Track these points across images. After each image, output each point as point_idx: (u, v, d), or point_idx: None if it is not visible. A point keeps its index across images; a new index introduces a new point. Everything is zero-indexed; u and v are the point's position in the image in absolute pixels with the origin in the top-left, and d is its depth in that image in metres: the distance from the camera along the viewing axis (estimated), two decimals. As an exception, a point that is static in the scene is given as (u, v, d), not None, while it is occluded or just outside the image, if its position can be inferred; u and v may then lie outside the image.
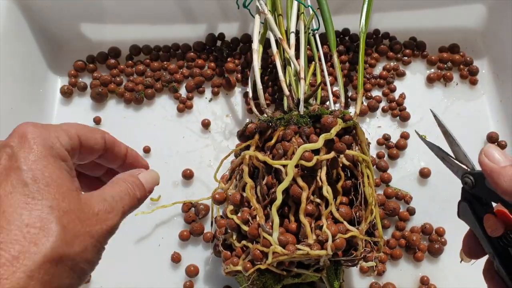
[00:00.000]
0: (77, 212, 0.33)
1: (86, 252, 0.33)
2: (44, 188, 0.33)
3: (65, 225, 0.32)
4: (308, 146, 0.53)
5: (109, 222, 0.36)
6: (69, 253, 0.32)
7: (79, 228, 0.33)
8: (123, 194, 0.39)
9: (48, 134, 0.36)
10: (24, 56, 0.81)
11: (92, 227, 0.34)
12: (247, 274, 0.53)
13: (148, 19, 0.87)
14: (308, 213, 0.53)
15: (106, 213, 0.36)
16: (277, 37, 0.67)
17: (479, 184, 0.44)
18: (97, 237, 0.34)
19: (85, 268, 0.33)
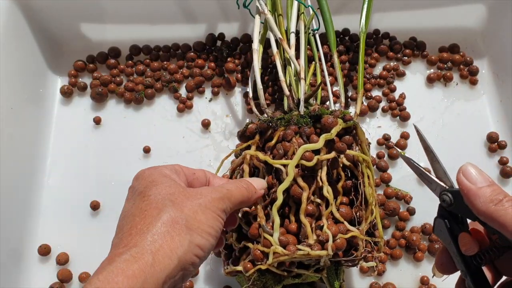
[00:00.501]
0: (182, 193, 0.43)
1: (197, 214, 0.42)
2: (154, 188, 0.43)
3: (173, 200, 0.42)
4: (308, 146, 0.53)
5: (213, 195, 0.44)
6: (180, 215, 0.41)
7: (185, 201, 0.42)
8: (229, 183, 0.49)
9: (154, 167, 0.47)
10: (24, 56, 0.81)
11: (198, 199, 0.43)
12: (248, 274, 0.53)
13: (148, 19, 0.87)
14: (309, 213, 0.53)
15: (210, 192, 0.45)
16: (277, 37, 0.67)
17: (457, 202, 0.43)
18: (204, 204, 0.43)
19: (203, 228, 0.41)
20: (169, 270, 0.38)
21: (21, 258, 0.73)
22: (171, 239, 0.39)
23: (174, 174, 0.47)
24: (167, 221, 0.40)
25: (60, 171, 0.81)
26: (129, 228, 0.40)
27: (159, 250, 0.38)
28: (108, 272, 0.36)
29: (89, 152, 0.82)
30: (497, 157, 0.78)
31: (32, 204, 0.77)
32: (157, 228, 0.39)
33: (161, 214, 0.40)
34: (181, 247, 0.39)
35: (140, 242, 0.38)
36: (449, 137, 0.80)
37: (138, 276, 0.36)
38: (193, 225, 0.41)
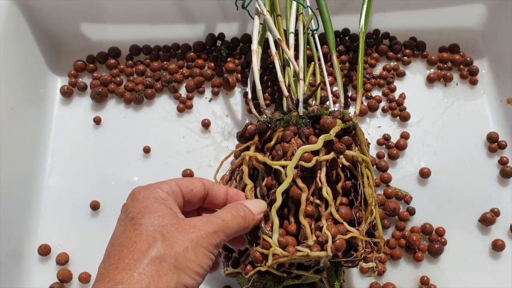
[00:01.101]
0: (175, 225, 0.42)
1: (187, 252, 0.40)
2: (147, 216, 0.42)
3: (164, 234, 0.40)
4: (307, 147, 0.53)
5: (207, 229, 0.43)
6: (169, 253, 0.39)
7: (177, 235, 0.41)
8: (225, 213, 0.47)
9: (150, 187, 0.46)
10: (24, 56, 0.81)
11: (189, 234, 0.41)
12: (248, 276, 0.53)
13: (148, 19, 0.87)
14: (308, 214, 0.53)
15: (203, 224, 0.43)
16: (276, 37, 0.67)
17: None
18: (196, 241, 0.41)
19: (191, 267, 0.40)
20: None
21: (21, 258, 0.73)
22: (158, 279, 0.38)
23: (170, 198, 0.46)
24: (156, 259, 0.39)
25: (60, 171, 0.81)
26: (116, 260, 0.39)
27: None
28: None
29: (89, 152, 0.82)
30: (497, 157, 0.78)
31: (32, 204, 0.77)
32: (144, 266, 0.38)
33: (150, 250, 0.39)
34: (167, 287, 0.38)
35: (127, 279, 0.37)
36: (449, 137, 0.80)
37: None
38: (181, 264, 0.40)
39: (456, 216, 0.75)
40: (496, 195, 0.76)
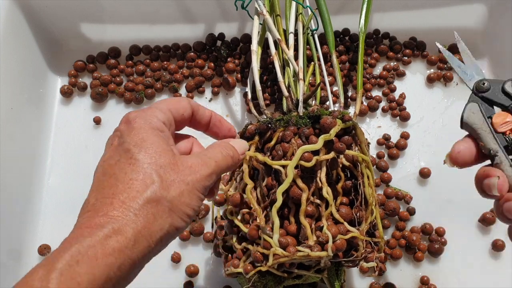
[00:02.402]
0: (172, 165, 0.41)
1: (182, 196, 0.40)
2: (143, 151, 0.40)
3: (161, 175, 0.39)
4: (307, 147, 0.53)
5: (202, 172, 0.42)
6: (166, 196, 0.39)
7: (174, 177, 0.40)
8: (216, 152, 0.46)
9: (145, 113, 0.44)
10: (24, 56, 0.81)
11: (186, 177, 0.41)
12: (248, 276, 0.53)
13: (148, 19, 0.87)
14: (308, 214, 0.53)
15: (199, 166, 0.42)
16: (276, 38, 0.67)
17: (494, 88, 0.46)
18: (192, 184, 0.41)
19: (184, 211, 0.40)
20: (145, 252, 0.37)
21: (21, 258, 0.73)
22: (153, 221, 0.38)
23: (166, 129, 0.44)
24: (152, 201, 0.38)
25: (60, 171, 0.81)
26: (111, 194, 0.38)
27: (140, 232, 0.37)
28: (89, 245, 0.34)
29: (89, 152, 0.82)
30: (497, 157, 0.78)
31: (32, 204, 0.77)
32: (140, 206, 0.37)
33: (147, 190, 0.38)
34: (160, 231, 0.38)
35: (122, 218, 0.36)
36: (449, 137, 0.79)
37: (117, 255, 0.35)
38: (176, 208, 0.39)
39: (456, 216, 0.75)
40: (496, 195, 0.76)
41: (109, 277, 0.34)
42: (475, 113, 0.46)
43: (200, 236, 0.75)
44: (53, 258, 0.33)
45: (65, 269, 0.32)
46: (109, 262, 0.34)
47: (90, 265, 0.33)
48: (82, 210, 0.39)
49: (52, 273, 0.32)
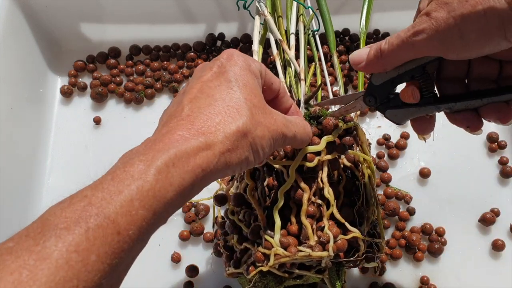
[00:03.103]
0: (262, 109, 0.43)
1: (263, 139, 0.42)
2: (242, 86, 0.43)
3: (253, 113, 0.42)
4: (309, 148, 0.53)
5: (283, 130, 0.44)
6: (252, 132, 0.41)
7: (262, 120, 0.42)
8: (299, 124, 0.48)
9: (247, 57, 0.46)
10: (24, 56, 0.81)
11: (270, 125, 0.43)
12: (249, 276, 0.53)
13: (148, 19, 0.87)
14: (310, 215, 0.53)
15: (281, 124, 0.45)
16: (277, 38, 0.67)
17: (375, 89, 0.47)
18: (272, 133, 0.43)
19: (259, 151, 0.42)
20: (221, 173, 0.40)
21: (22, 259, 0.73)
22: (235, 149, 0.40)
23: (259, 78, 0.47)
24: (241, 131, 0.40)
25: (60, 171, 0.81)
26: (207, 111, 0.40)
27: (223, 154, 0.39)
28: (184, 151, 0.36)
29: (89, 152, 0.82)
30: (497, 157, 0.78)
31: (32, 204, 0.77)
32: (231, 132, 0.39)
33: (240, 120, 0.40)
34: (237, 159, 0.40)
35: (214, 136, 0.39)
36: (448, 137, 0.80)
37: (204, 168, 0.37)
38: (254, 146, 0.42)
39: (456, 216, 0.75)
40: (496, 195, 0.76)
41: (192, 185, 0.37)
42: (397, 114, 0.47)
43: (200, 236, 0.75)
44: (152, 151, 0.35)
45: (163, 168, 0.35)
46: (197, 172, 0.37)
47: (183, 170, 0.36)
48: (171, 116, 0.40)
49: (151, 168, 0.34)
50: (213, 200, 0.63)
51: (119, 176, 0.34)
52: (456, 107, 0.43)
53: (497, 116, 0.41)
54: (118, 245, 0.32)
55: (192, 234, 0.75)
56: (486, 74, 0.44)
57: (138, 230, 0.33)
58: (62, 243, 0.29)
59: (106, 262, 0.31)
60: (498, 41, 0.35)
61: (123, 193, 0.33)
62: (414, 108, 0.45)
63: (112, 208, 0.32)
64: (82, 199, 0.32)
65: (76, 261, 0.29)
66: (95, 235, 0.30)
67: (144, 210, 0.33)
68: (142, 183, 0.33)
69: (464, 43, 0.36)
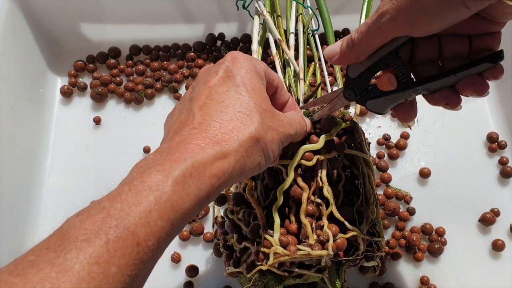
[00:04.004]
0: (270, 113, 0.44)
1: (273, 143, 0.43)
2: (251, 90, 0.43)
3: (263, 118, 0.42)
4: (308, 147, 0.53)
5: (288, 130, 0.46)
6: (263, 137, 0.42)
7: (271, 124, 0.43)
8: (298, 120, 0.49)
9: (252, 59, 0.46)
10: (24, 56, 0.81)
11: (278, 127, 0.44)
12: (249, 275, 0.53)
13: (148, 19, 0.87)
14: (309, 214, 0.53)
15: (287, 124, 0.46)
16: (276, 38, 0.67)
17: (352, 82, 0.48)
18: (280, 136, 0.44)
19: (270, 155, 0.43)
20: (236, 180, 0.41)
21: (21, 258, 0.73)
22: (249, 155, 0.41)
23: (264, 79, 0.47)
24: (254, 137, 0.41)
25: (60, 171, 0.81)
26: (219, 119, 0.40)
27: (238, 161, 0.40)
28: (200, 161, 0.37)
29: (89, 152, 0.82)
30: (497, 157, 0.78)
31: (32, 204, 0.77)
32: (245, 139, 0.40)
33: (252, 127, 0.41)
34: (251, 165, 0.41)
35: (229, 144, 0.39)
36: (449, 137, 0.80)
37: (220, 177, 0.38)
38: (266, 151, 0.42)
39: (456, 216, 0.75)
40: (496, 195, 0.76)
41: (209, 194, 0.37)
42: (377, 104, 0.48)
43: (200, 236, 0.75)
44: (169, 167, 0.35)
45: (180, 178, 0.35)
46: (212, 182, 0.37)
47: (199, 180, 0.36)
48: (183, 124, 0.41)
49: (168, 179, 0.34)
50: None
51: (136, 187, 0.34)
52: (433, 87, 0.43)
53: (473, 89, 0.42)
54: (137, 256, 0.32)
55: (192, 234, 0.75)
56: (458, 51, 0.44)
57: (157, 240, 0.33)
58: (83, 256, 0.29)
59: (127, 274, 0.31)
60: (458, 8, 0.35)
61: (141, 204, 0.33)
62: (393, 95, 0.46)
63: (131, 219, 0.32)
64: (101, 210, 0.33)
65: (98, 273, 0.29)
66: (115, 247, 0.31)
67: (163, 221, 0.33)
68: (160, 194, 0.34)
69: (427, 17, 0.37)
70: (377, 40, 0.41)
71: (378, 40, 0.41)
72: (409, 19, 0.37)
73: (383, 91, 0.46)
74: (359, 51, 0.43)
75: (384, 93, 0.46)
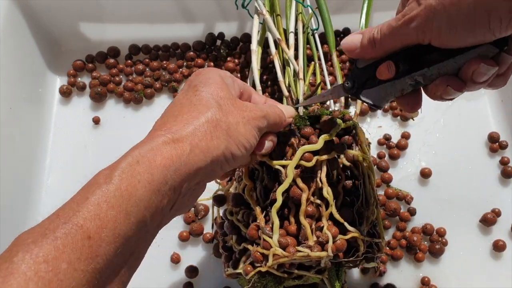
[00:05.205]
0: (231, 100, 0.45)
1: (239, 125, 0.43)
2: (208, 85, 0.44)
3: (221, 104, 0.43)
4: (307, 147, 0.53)
5: (257, 113, 0.46)
6: (224, 120, 0.42)
7: (232, 109, 0.44)
8: (266, 107, 0.49)
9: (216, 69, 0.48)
10: (23, 55, 0.81)
11: (242, 112, 0.45)
12: (248, 276, 0.53)
13: (148, 19, 0.86)
14: (309, 215, 0.53)
15: (254, 108, 0.46)
16: (276, 37, 0.67)
17: (357, 72, 0.47)
18: (248, 119, 0.44)
19: (240, 140, 0.43)
20: (201, 165, 0.40)
21: (20, 259, 0.73)
22: (210, 139, 0.41)
23: (229, 79, 0.48)
24: (211, 121, 0.41)
25: (59, 171, 0.80)
26: (175, 114, 0.42)
27: (197, 144, 0.40)
28: (148, 149, 0.37)
29: (88, 152, 0.81)
30: (498, 157, 0.78)
31: (31, 204, 0.77)
32: (200, 124, 0.41)
33: (208, 112, 0.42)
34: (217, 149, 0.41)
35: (182, 130, 0.40)
36: (450, 137, 0.80)
37: (175, 160, 0.38)
38: (232, 134, 0.43)
39: (457, 217, 0.74)
40: (497, 195, 0.75)
41: (165, 179, 0.37)
42: (371, 93, 0.47)
43: (199, 237, 0.74)
44: (117, 161, 0.37)
45: (126, 168, 0.36)
46: (167, 164, 0.37)
47: (149, 165, 0.36)
48: (149, 132, 0.43)
49: (115, 171, 0.35)
50: (212, 200, 0.62)
51: (85, 187, 0.35)
52: (429, 73, 0.42)
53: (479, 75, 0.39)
54: (90, 250, 0.32)
55: (192, 235, 0.74)
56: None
57: (111, 232, 0.33)
58: (30, 256, 0.29)
59: (80, 269, 0.31)
60: (482, 32, 0.35)
61: (89, 199, 0.33)
62: (389, 83, 0.45)
63: (80, 214, 0.32)
64: (50, 216, 0.33)
65: (46, 271, 0.29)
66: (64, 243, 0.31)
67: (114, 211, 0.33)
68: (107, 186, 0.34)
69: (452, 32, 0.36)
70: (399, 44, 0.41)
71: (400, 44, 0.41)
72: (434, 30, 0.37)
73: (380, 80, 0.45)
74: (379, 51, 0.43)
75: (380, 81, 0.45)
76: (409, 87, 0.45)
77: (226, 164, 0.43)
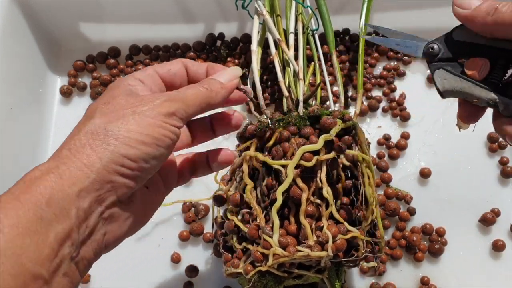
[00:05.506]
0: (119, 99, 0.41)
1: (127, 123, 0.38)
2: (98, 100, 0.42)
3: (103, 110, 0.40)
4: (307, 147, 0.53)
5: (156, 102, 0.40)
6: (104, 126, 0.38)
7: (116, 109, 0.40)
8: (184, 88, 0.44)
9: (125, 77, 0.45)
10: (24, 56, 0.81)
11: (134, 108, 0.40)
12: (248, 276, 0.53)
13: (148, 19, 0.86)
14: (309, 214, 0.53)
15: (152, 97, 0.41)
16: (276, 38, 0.67)
17: (448, 43, 0.43)
18: (140, 111, 0.39)
19: (132, 136, 0.38)
20: (84, 184, 0.36)
21: (21, 259, 0.73)
22: (90, 152, 0.37)
23: (140, 84, 0.44)
24: (89, 133, 0.38)
25: (60, 171, 0.80)
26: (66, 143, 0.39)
27: (72, 163, 0.36)
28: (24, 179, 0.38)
29: (88, 152, 0.81)
30: (497, 157, 0.78)
31: (32, 204, 0.77)
32: (76, 141, 0.38)
33: (86, 125, 0.39)
34: (99, 160, 0.37)
35: (56, 156, 0.38)
36: (449, 137, 0.80)
37: (43, 192, 0.36)
38: (118, 136, 0.38)
39: (456, 216, 0.75)
40: (497, 195, 0.76)
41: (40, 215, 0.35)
42: (447, 78, 0.43)
43: (200, 237, 0.74)
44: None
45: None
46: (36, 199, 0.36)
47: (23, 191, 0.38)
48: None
49: None
50: (212, 200, 0.63)
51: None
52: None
53: None
54: None
55: (192, 235, 0.74)
56: None
57: None
58: None
59: None
60: None
61: None
62: (470, 83, 0.41)
63: None
64: None
65: None
66: None
67: None
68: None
69: None
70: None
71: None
72: None
73: (464, 72, 0.41)
74: (495, 30, 0.37)
75: (464, 73, 0.41)
76: (483, 102, 0.41)
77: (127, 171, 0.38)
